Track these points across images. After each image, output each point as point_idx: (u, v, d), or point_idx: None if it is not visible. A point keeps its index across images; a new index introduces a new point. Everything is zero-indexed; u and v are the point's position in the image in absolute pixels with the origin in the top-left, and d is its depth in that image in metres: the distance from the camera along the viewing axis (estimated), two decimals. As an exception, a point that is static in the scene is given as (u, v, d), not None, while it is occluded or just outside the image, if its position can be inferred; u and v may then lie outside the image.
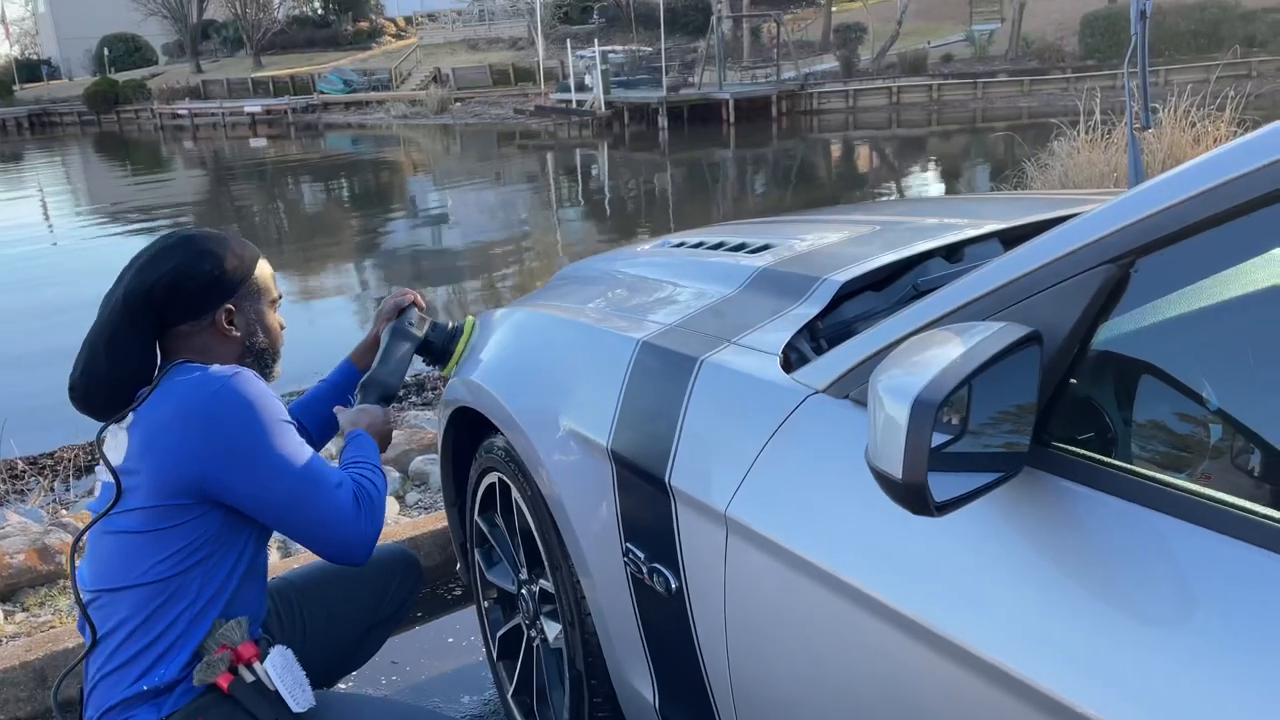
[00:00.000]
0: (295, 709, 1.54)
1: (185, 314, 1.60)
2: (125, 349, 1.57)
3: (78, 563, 1.62)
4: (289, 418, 1.58)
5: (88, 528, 1.56)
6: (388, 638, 2.03)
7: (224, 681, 1.52)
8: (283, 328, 1.76)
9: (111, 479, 1.51)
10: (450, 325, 2.09)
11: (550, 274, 2.51)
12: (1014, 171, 8.32)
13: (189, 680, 1.53)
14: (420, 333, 2.01)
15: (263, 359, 1.70)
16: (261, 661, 1.55)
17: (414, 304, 2.03)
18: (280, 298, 1.77)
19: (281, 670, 1.56)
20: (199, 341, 1.62)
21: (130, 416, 1.54)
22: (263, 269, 1.71)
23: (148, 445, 1.50)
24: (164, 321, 1.60)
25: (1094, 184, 6.49)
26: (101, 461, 1.53)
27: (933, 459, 0.86)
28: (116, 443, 1.54)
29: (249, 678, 1.54)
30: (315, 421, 1.95)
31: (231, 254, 1.65)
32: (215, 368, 1.56)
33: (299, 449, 1.55)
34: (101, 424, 1.57)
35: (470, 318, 2.12)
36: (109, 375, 1.56)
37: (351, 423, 1.81)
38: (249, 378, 1.55)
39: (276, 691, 1.54)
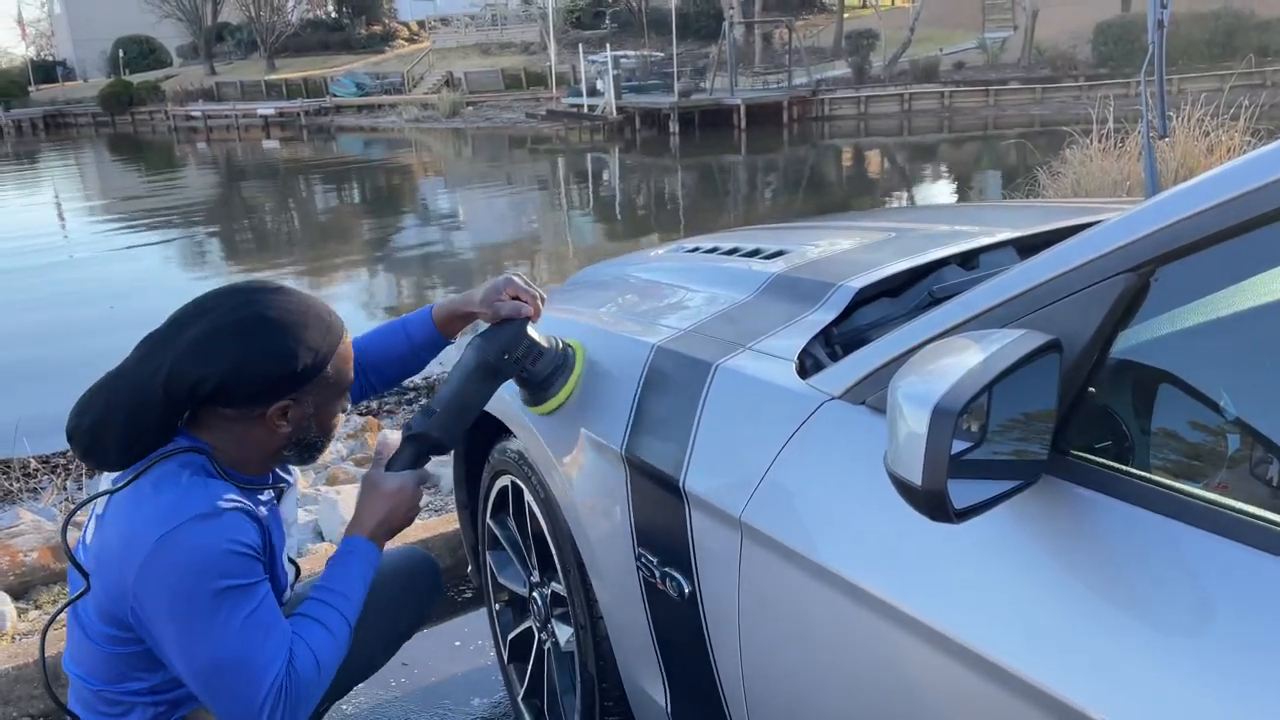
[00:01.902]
0: None
1: (234, 403, 1.41)
2: (145, 429, 1.40)
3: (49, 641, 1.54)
4: (242, 580, 1.35)
5: (61, 609, 1.47)
6: (404, 643, 2.01)
7: None
8: (346, 411, 1.56)
9: (79, 572, 1.40)
10: (560, 349, 1.67)
11: (562, 277, 2.51)
12: (1026, 179, 8.29)
13: None
14: (518, 368, 1.63)
15: (307, 451, 1.52)
16: None
17: (527, 320, 1.64)
18: (353, 381, 1.54)
19: None
20: (238, 428, 1.43)
21: (103, 505, 1.41)
22: (341, 356, 1.47)
23: (98, 560, 1.39)
24: (206, 402, 1.41)
25: (1107, 192, 6.48)
26: (66, 556, 1.43)
27: (952, 466, 0.86)
28: (89, 524, 1.44)
29: None
30: (381, 375, 1.75)
31: (307, 347, 1.41)
32: (188, 498, 1.35)
33: (231, 630, 1.34)
34: (78, 504, 1.46)
35: (579, 347, 1.70)
36: (119, 441, 1.40)
37: (365, 510, 1.56)
38: (211, 526, 1.34)
39: None
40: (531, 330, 1.64)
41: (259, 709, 1.35)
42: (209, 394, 1.38)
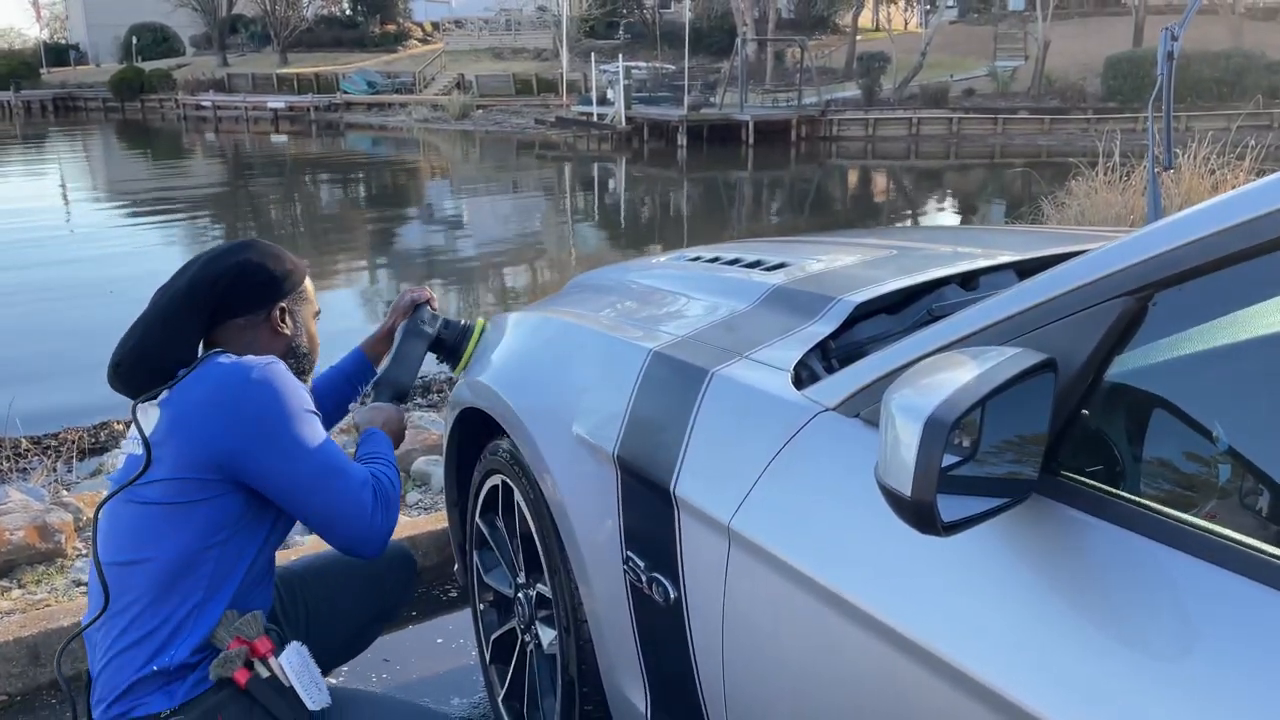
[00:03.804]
0: (311, 707, 1.54)
1: (244, 307, 1.68)
2: (181, 331, 1.63)
3: (100, 526, 1.59)
4: (316, 410, 1.62)
5: (112, 494, 1.55)
6: (381, 632, 2.04)
7: (241, 677, 1.51)
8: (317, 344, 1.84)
9: (141, 449, 1.52)
10: (463, 323, 2.14)
11: (563, 282, 2.52)
12: (1031, 208, 8.32)
13: (201, 670, 1.52)
14: (433, 330, 2.06)
15: (301, 364, 1.78)
16: (276, 657, 1.54)
17: (428, 302, 2.09)
18: (319, 313, 1.85)
19: (298, 667, 1.55)
20: (249, 336, 1.69)
21: (165, 394, 1.56)
22: (309, 282, 1.82)
23: (177, 422, 1.53)
24: (221, 312, 1.67)
25: (1110, 225, 6.49)
26: (135, 429, 1.54)
27: (942, 479, 0.86)
28: (148, 416, 1.56)
29: (264, 673, 1.53)
30: (322, 408, 1.95)
31: (289, 260, 1.76)
32: (251, 357, 1.59)
33: (324, 440, 1.59)
34: (136, 400, 1.58)
35: (481, 319, 2.17)
36: (160, 354, 1.60)
37: (367, 421, 1.87)
38: (282, 369, 1.59)
39: (292, 689, 1.53)
40: (434, 309, 2.11)
41: (365, 499, 1.59)
42: (225, 292, 1.65)
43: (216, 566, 1.55)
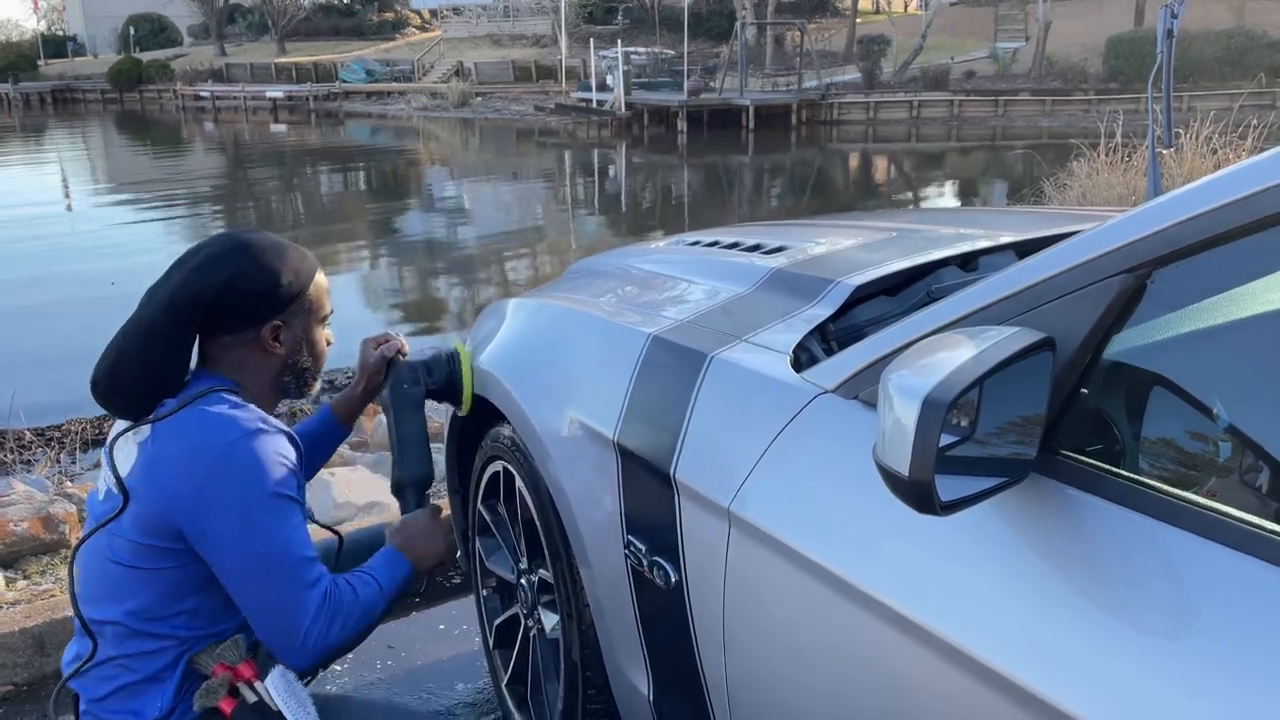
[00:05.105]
0: None
1: (231, 325, 1.54)
2: (158, 350, 1.49)
3: (76, 571, 1.53)
4: (294, 494, 1.49)
5: (88, 535, 1.49)
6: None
7: (227, 706, 1.47)
8: (330, 344, 1.69)
9: (118, 488, 1.45)
10: (443, 357, 1.95)
11: (563, 269, 2.51)
12: (1032, 190, 8.31)
13: (186, 703, 1.49)
14: (422, 388, 1.88)
15: (302, 378, 1.65)
16: (261, 680, 1.50)
17: (399, 353, 1.89)
18: (332, 313, 1.70)
19: (284, 691, 1.50)
20: (239, 355, 1.56)
21: (147, 430, 1.48)
22: (319, 284, 1.63)
23: (149, 472, 1.45)
24: (207, 329, 1.53)
25: (1112, 205, 6.48)
26: (109, 470, 1.47)
27: (939, 459, 0.86)
28: (126, 452, 1.48)
29: (251, 698, 1.49)
30: None
31: (289, 267, 1.57)
32: (244, 415, 1.48)
33: (287, 529, 1.46)
34: (117, 431, 1.50)
35: (459, 342, 2.00)
36: (135, 375, 1.49)
37: (390, 539, 1.69)
38: (271, 440, 1.48)
39: (279, 712, 1.49)
40: (409, 358, 1.90)
41: (307, 604, 1.45)
42: (210, 309, 1.50)
43: (189, 632, 1.49)
